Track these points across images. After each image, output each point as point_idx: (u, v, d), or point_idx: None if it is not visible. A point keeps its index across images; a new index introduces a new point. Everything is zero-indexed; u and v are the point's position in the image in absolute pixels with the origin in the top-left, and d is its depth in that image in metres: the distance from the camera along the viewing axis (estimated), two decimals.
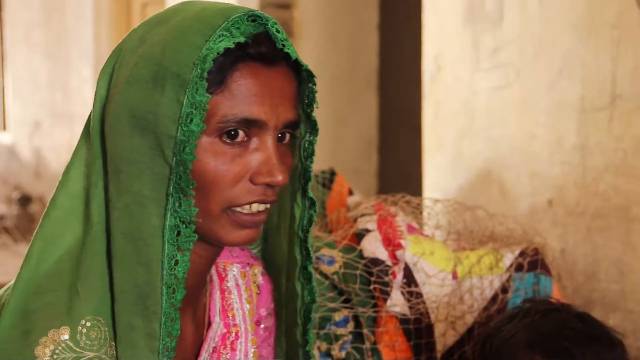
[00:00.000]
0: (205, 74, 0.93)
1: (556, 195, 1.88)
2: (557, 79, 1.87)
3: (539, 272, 1.61)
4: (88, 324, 0.96)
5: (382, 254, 1.55)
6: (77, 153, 1.03)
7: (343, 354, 1.52)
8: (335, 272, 1.55)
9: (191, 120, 0.93)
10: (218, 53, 0.93)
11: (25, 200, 6.29)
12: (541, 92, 1.91)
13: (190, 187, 0.95)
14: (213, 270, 1.14)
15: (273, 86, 0.97)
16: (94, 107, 1.01)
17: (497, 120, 2.05)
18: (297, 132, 1.06)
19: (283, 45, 0.97)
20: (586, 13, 1.79)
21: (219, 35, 0.94)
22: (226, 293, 1.14)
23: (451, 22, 2.19)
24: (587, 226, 1.80)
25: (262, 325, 1.19)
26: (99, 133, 1.00)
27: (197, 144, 0.94)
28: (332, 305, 1.53)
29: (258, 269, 1.19)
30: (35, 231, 1.01)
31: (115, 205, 0.97)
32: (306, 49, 3.57)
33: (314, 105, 1.04)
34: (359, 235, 1.60)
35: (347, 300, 1.54)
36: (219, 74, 0.94)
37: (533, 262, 1.61)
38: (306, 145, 1.07)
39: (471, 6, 2.12)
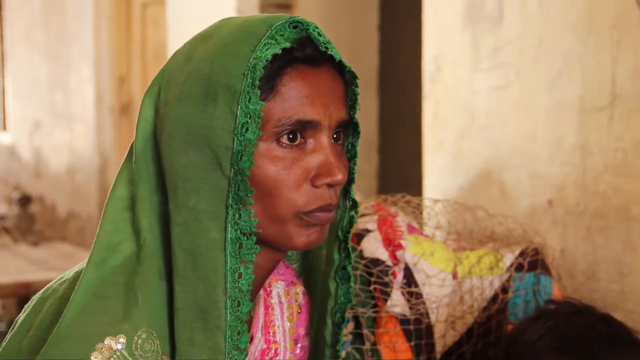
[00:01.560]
0: (257, 82, 0.94)
1: (556, 195, 1.88)
2: (557, 79, 1.87)
3: (539, 272, 1.61)
4: (143, 335, 0.96)
5: (382, 254, 1.55)
6: (121, 172, 1.04)
7: (343, 354, 1.52)
8: None
9: (247, 129, 0.94)
10: (267, 60, 0.95)
11: (25, 201, 6.29)
12: (541, 92, 1.91)
13: (249, 195, 0.96)
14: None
15: (322, 86, 0.99)
16: (138, 127, 1.03)
17: (497, 120, 2.05)
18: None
19: (326, 47, 0.99)
20: (586, 13, 1.79)
21: (265, 44, 0.96)
22: (269, 309, 1.14)
23: (451, 22, 2.19)
24: (587, 226, 1.80)
25: (299, 345, 1.18)
26: (150, 151, 1.01)
27: (255, 151, 0.95)
28: None
29: (300, 289, 1.19)
30: (94, 238, 1.02)
31: (175, 222, 0.98)
32: None
33: (356, 107, 1.05)
34: (359, 236, 1.60)
35: None
36: (269, 81, 0.96)
37: (533, 262, 1.61)
38: (349, 147, 1.07)
39: (471, 6, 2.12)
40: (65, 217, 6.12)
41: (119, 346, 0.94)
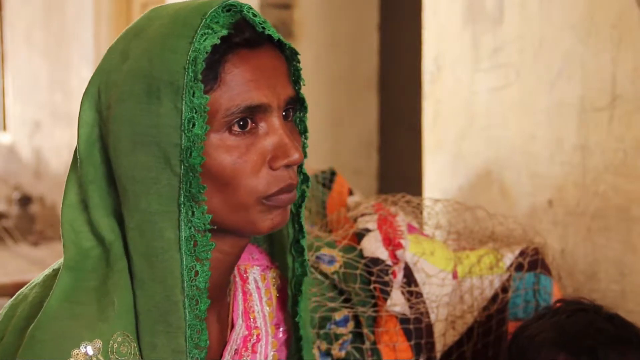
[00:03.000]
0: (199, 76, 0.93)
1: (556, 195, 1.88)
2: (557, 79, 1.87)
3: (539, 272, 1.61)
4: (119, 338, 0.96)
5: (382, 253, 1.55)
6: (69, 179, 1.02)
7: (343, 353, 1.52)
8: (335, 272, 1.55)
9: (193, 124, 0.93)
10: (206, 52, 0.93)
11: (25, 201, 6.29)
12: (541, 92, 1.91)
13: (202, 191, 0.95)
14: (235, 272, 1.14)
15: (265, 67, 0.97)
16: (79, 132, 1.01)
17: (497, 120, 2.05)
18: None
19: (263, 28, 0.98)
20: (586, 13, 1.79)
21: (202, 35, 0.94)
22: (248, 295, 1.14)
23: (451, 22, 2.19)
24: (587, 226, 1.81)
25: (281, 328, 1.18)
26: (98, 154, 1.00)
27: (208, 144, 0.94)
28: (332, 304, 1.53)
29: (276, 272, 1.19)
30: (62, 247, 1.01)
31: (129, 226, 0.97)
32: (306, 49, 3.57)
33: (301, 83, 1.04)
34: (359, 235, 1.60)
35: (347, 300, 1.54)
36: (211, 71, 0.95)
37: (533, 261, 1.62)
38: (297, 122, 1.06)
39: (471, 6, 2.12)
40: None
41: (95, 352, 0.94)
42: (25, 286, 1.05)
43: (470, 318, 1.59)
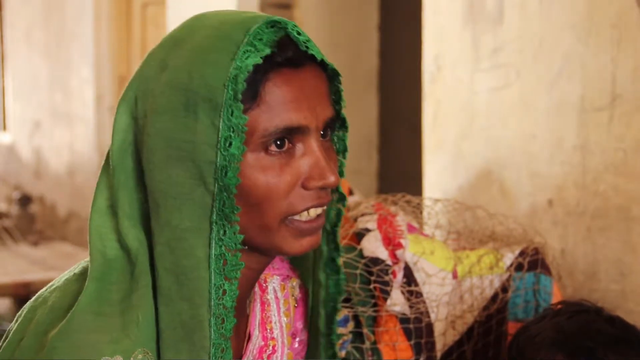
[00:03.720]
0: (239, 96, 0.91)
1: (556, 195, 1.88)
2: (557, 79, 1.87)
3: (539, 272, 1.61)
4: (139, 355, 0.95)
5: (382, 253, 1.55)
6: (100, 184, 1.01)
7: (343, 353, 1.52)
8: None
9: (230, 143, 0.91)
10: (248, 71, 0.91)
11: (25, 200, 6.29)
12: (541, 92, 1.91)
13: (236, 212, 0.93)
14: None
15: (306, 88, 0.96)
16: (114, 136, 0.99)
17: (497, 120, 2.05)
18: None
19: (307, 47, 0.96)
20: (586, 13, 1.79)
21: (244, 52, 0.92)
22: (266, 305, 1.13)
23: (451, 22, 2.19)
24: (587, 226, 1.81)
25: (297, 339, 1.17)
26: (131, 162, 0.98)
27: (242, 162, 0.93)
28: None
29: (296, 282, 1.17)
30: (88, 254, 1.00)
31: (157, 241, 0.96)
32: None
33: (342, 104, 1.03)
34: (359, 235, 1.60)
35: (347, 300, 1.54)
36: (251, 89, 0.92)
37: (533, 261, 1.62)
38: (335, 141, 1.05)
39: (471, 6, 2.12)
40: (65, 217, 6.12)
41: None
42: (45, 288, 1.03)
43: (470, 318, 1.59)
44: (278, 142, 0.94)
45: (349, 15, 3.69)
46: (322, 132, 0.99)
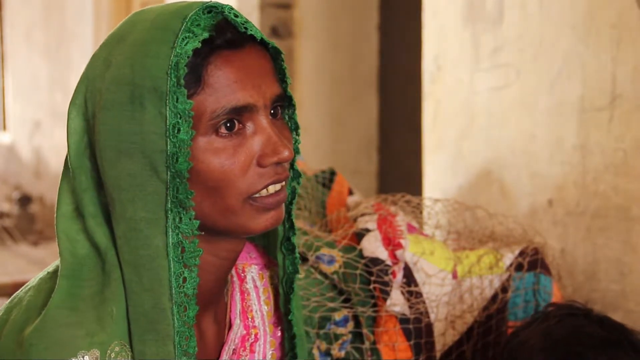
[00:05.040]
0: (182, 81, 0.92)
1: (556, 195, 1.88)
2: (557, 79, 1.87)
3: (539, 272, 1.61)
4: (117, 348, 0.96)
5: (382, 253, 1.55)
6: (62, 188, 1.02)
7: (342, 353, 1.52)
8: (335, 272, 1.55)
9: (179, 129, 0.92)
10: (188, 57, 0.92)
11: (25, 200, 6.29)
12: (541, 92, 1.91)
13: (190, 196, 0.94)
14: (233, 271, 1.14)
15: (250, 67, 0.97)
16: (68, 141, 1.00)
17: (497, 120, 2.05)
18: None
19: (245, 28, 0.97)
20: (586, 13, 1.79)
21: (183, 39, 0.93)
22: (245, 294, 1.14)
23: (451, 22, 2.19)
24: (587, 226, 1.80)
25: (279, 327, 1.18)
26: (88, 163, 0.99)
27: (195, 147, 0.94)
28: (331, 304, 1.53)
29: (274, 270, 1.18)
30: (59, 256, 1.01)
31: (117, 235, 0.97)
32: (306, 49, 3.57)
33: (287, 81, 1.03)
34: (359, 235, 1.60)
35: (346, 300, 1.54)
36: (194, 74, 0.94)
37: (533, 261, 1.61)
38: (287, 119, 1.06)
39: (471, 6, 2.12)
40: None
41: None
42: (21, 289, 1.05)
43: (470, 318, 1.59)
44: (228, 125, 0.95)
45: (349, 15, 3.69)
46: (272, 111, 1.00)
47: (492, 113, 2.06)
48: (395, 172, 3.65)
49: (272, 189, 0.99)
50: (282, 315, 1.17)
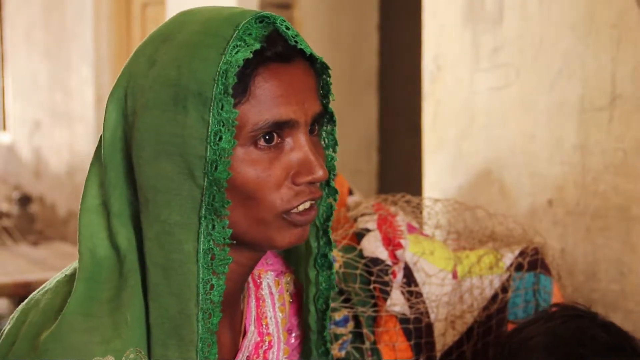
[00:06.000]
0: (230, 90, 0.91)
1: (556, 195, 1.88)
2: (557, 79, 1.87)
3: (539, 272, 1.61)
4: (132, 355, 0.95)
5: (382, 253, 1.55)
6: (89, 180, 1.01)
7: (343, 353, 1.52)
8: (335, 272, 1.55)
9: (220, 137, 0.91)
10: (239, 66, 0.92)
11: (25, 200, 6.29)
12: (541, 92, 1.91)
13: (226, 206, 0.93)
14: (249, 278, 1.13)
15: (296, 83, 0.96)
16: (104, 133, 0.99)
17: (497, 120, 2.05)
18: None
19: (296, 41, 0.96)
20: (586, 13, 1.79)
21: (234, 47, 0.92)
22: (261, 301, 1.13)
23: (451, 23, 2.19)
24: (587, 226, 1.80)
25: (293, 334, 1.17)
26: (121, 160, 0.98)
27: (232, 157, 0.93)
28: (331, 304, 1.53)
29: (291, 277, 1.18)
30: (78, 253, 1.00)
31: (147, 236, 0.96)
32: None
33: (330, 98, 1.03)
34: (359, 235, 1.60)
35: (346, 300, 1.54)
36: (241, 84, 0.93)
37: (533, 261, 1.61)
38: (324, 136, 1.06)
39: (471, 6, 2.12)
40: (65, 217, 6.13)
41: None
42: (37, 290, 1.03)
43: (470, 318, 1.59)
44: (267, 137, 0.95)
45: (349, 15, 3.69)
46: (310, 128, 0.99)
47: (492, 113, 2.06)
48: (395, 172, 3.65)
49: (302, 206, 0.98)
50: (302, 323, 1.16)
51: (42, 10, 6.49)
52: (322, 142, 1.05)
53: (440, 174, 2.25)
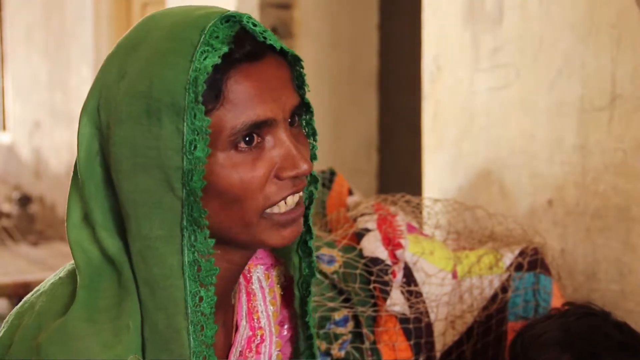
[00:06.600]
0: (200, 98, 0.90)
1: (556, 195, 1.88)
2: (557, 79, 1.87)
3: (539, 272, 1.61)
4: None
5: (382, 253, 1.55)
6: (71, 196, 1.00)
7: (342, 353, 1.52)
8: (335, 272, 1.55)
9: (195, 147, 0.90)
10: (207, 73, 0.90)
11: (25, 200, 6.29)
12: (541, 92, 1.91)
13: (203, 215, 0.92)
14: None
15: (269, 80, 0.95)
16: (79, 148, 0.98)
17: (497, 120, 2.05)
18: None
19: (264, 37, 0.95)
20: (586, 13, 1.79)
21: (202, 52, 0.91)
22: (252, 295, 1.13)
23: (451, 22, 2.19)
24: (587, 226, 1.80)
25: (285, 326, 1.18)
26: (100, 172, 0.98)
27: (214, 162, 0.92)
28: (331, 304, 1.53)
29: (281, 270, 1.18)
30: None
31: (132, 251, 0.95)
32: (306, 49, 3.57)
33: (306, 88, 1.02)
34: (359, 235, 1.60)
35: (346, 300, 1.54)
36: (213, 89, 0.92)
37: (533, 261, 1.62)
38: (304, 125, 1.05)
39: (471, 6, 2.12)
40: (65, 217, 6.12)
41: None
42: (31, 293, 1.03)
43: (469, 318, 1.59)
44: (247, 139, 0.94)
45: (349, 15, 3.69)
46: (289, 120, 0.98)
47: (492, 113, 2.06)
48: (395, 172, 3.65)
49: (290, 200, 0.98)
50: (294, 314, 1.16)
51: (42, 10, 6.49)
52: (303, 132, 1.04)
53: (440, 174, 2.25)
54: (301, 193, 1.00)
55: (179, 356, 0.94)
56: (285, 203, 0.98)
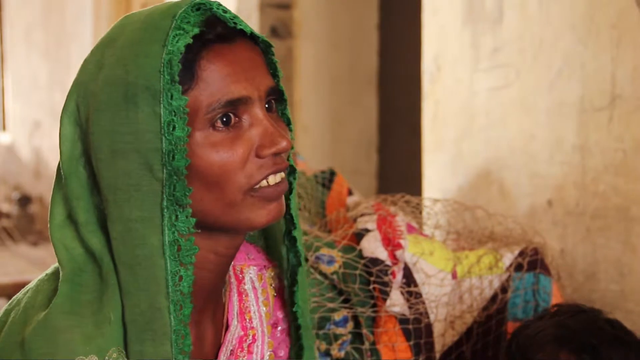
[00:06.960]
0: (177, 78, 0.93)
1: (556, 196, 1.88)
2: (557, 79, 1.87)
3: (539, 272, 1.61)
4: (114, 354, 0.96)
5: (382, 253, 1.55)
6: (55, 196, 1.02)
7: (342, 353, 1.52)
8: (335, 272, 1.55)
9: (174, 127, 0.93)
10: (181, 53, 0.93)
11: (24, 201, 6.29)
12: (541, 92, 1.91)
13: (187, 194, 0.94)
14: (231, 272, 1.14)
15: (242, 61, 0.97)
16: (61, 148, 1.00)
17: (497, 120, 2.05)
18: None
19: (234, 23, 0.98)
20: (586, 13, 1.79)
21: (174, 36, 0.94)
22: (243, 296, 1.14)
23: (451, 22, 2.19)
24: (587, 226, 1.80)
25: (279, 328, 1.18)
26: (83, 170, 0.99)
27: (192, 142, 0.94)
28: (331, 305, 1.53)
29: (274, 272, 1.19)
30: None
31: (112, 236, 0.97)
32: (306, 49, 3.57)
33: (279, 75, 1.04)
34: (359, 235, 1.60)
35: (346, 300, 1.54)
36: (188, 70, 0.94)
37: (532, 261, 1.61)
38: (280, 114, 1.06)
39: (471, 6, 2.12)
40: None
41: None
42: (20, 291, 1.05)
43: (469, 318, 1.59)
44: (224, 119, 0.96)
45: (349, 15, 3.69)
46: (267, 105, 1.00)
47: (492, 113, 2.06)
48: (395, 172, 3.65)
49: (272, 180, 0.99)
50: (288, 315, 1.17)
51: (42, 10, 6.49)
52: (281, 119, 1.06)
53: (440, 174, 2.25)
54: (283, 174, 1.01)
55: (161, 334, 0.96)
56: (267, 182, 0.99)
